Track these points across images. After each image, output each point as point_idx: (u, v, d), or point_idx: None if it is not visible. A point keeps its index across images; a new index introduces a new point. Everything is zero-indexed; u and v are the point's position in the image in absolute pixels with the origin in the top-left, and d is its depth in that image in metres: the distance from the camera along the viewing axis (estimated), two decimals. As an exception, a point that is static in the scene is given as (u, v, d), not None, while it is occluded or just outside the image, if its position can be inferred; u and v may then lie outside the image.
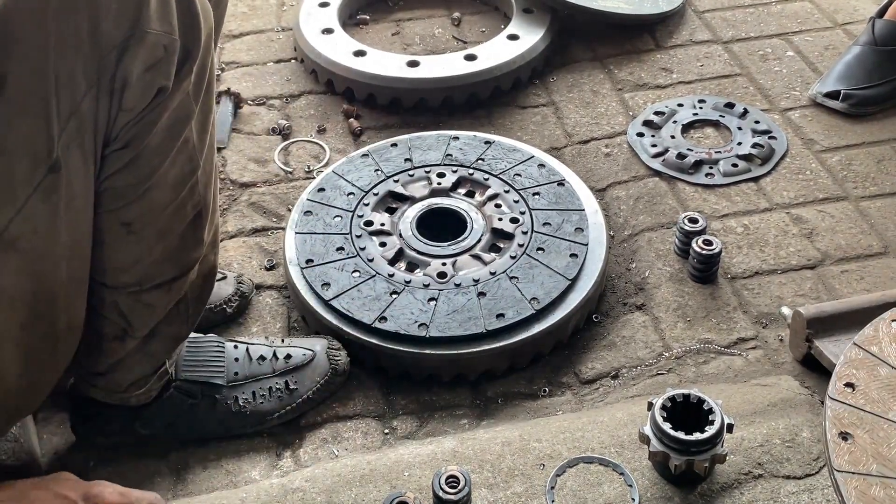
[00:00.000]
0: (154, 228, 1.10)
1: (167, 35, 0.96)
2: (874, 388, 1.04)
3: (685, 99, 1.99)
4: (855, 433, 0.99)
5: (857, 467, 0.96)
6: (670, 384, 1.38)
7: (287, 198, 1.79)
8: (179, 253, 1.16)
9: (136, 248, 1.11)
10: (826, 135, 1.89)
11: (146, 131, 1.00)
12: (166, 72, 0.98)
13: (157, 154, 1.04)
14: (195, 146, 1.09)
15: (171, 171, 1.07)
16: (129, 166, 1.01)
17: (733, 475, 1.17)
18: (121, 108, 0.96)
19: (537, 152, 1.77)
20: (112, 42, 0.91)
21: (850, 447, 0.98)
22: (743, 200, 1.74)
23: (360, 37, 2.20)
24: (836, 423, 1.00)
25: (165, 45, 0.96)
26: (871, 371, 1.06)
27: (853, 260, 1.61)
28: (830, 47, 2.13)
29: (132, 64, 0.93)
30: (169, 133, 1.04)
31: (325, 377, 1.40)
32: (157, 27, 0.94)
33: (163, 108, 1.00)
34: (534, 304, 1.45)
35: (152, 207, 1.08)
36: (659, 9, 2.21)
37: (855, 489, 0.94)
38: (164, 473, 1.31)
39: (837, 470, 0.96)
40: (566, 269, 1.51)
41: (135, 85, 0.95)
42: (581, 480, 1.17)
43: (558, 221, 1.59)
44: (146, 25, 0.93)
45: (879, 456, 0.97)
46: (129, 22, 0.92)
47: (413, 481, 1.19)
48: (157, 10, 0.94)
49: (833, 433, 0.99)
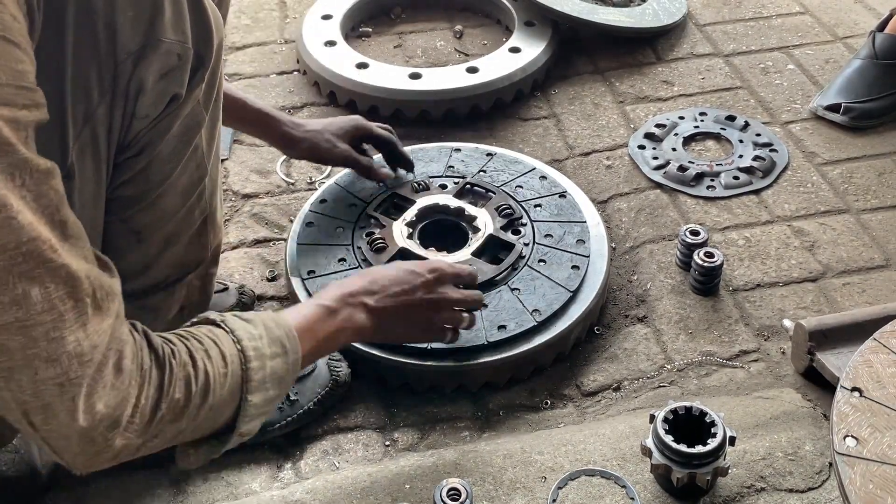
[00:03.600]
0: (162, 234, 1.11)
1: (181, 43, 0.96)
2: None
3: (686, 111, 2.00)
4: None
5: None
6: (672, 397, 1.38)
7: (289, 209, 1.79)
8: (184, 258, 1.17)
9: (143, 254, 1.11)
10: (827, 148, 1.89)
11: (159, 138, 1.01)
12: (180, 80, 0.99)
13: (169, 161, 1.05)
14: (204, 153, 1.10)
15: (182, 179, 1.07)
16: (141, 174, 1.02)
17: (736, 488, 1.16)
18: (134, 115, 0.96)
19: (539, 164, 1.77)
20: (128, 50, 0.92)
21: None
22: (744, 213, 1.74)
23: (362, 49, 2.21)
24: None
25: (179, 54, 0.97)
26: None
27: (855, 273, 1.61)
28: (831, 61, 2.14)
29: (147, 72, 0.94)
30: (180, 140, 1.04)
31: (327, 388, 1.39)
32: (172, 35, 0.95)
33: (175, 116, 1.01)
34: (535, 316, 1.45)
35: (162, 214, 1.08)
36: (660, 22, 2.21)
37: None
38: (165, 485, 1.30)
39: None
40: (567, 280, 1.51)
41: (149, 92, 0.96)
42: (583, 493, 1.17)
43: (560, 233, 1.59)
44: (161, 34, 0.94)
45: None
46: (144, 30, 0.93)
47: (414, 494, 1.19)
48: (171, 19, 0.95)
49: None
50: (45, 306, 0.79)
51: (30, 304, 0.78)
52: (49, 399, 0.82)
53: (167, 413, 0.90)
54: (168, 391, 0.90)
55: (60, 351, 0.81)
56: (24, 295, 0.78)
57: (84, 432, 0.83)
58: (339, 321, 1.13)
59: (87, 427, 0.83)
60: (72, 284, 0.81)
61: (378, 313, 1.18)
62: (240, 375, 0.96)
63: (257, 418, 1.01)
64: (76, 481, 1.29)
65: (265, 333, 1.00)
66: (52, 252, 0.79)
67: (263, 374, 0.98)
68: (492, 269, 1.52)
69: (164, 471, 1.32)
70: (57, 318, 0.80)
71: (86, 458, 0.87)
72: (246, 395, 0.97)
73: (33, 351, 0.79)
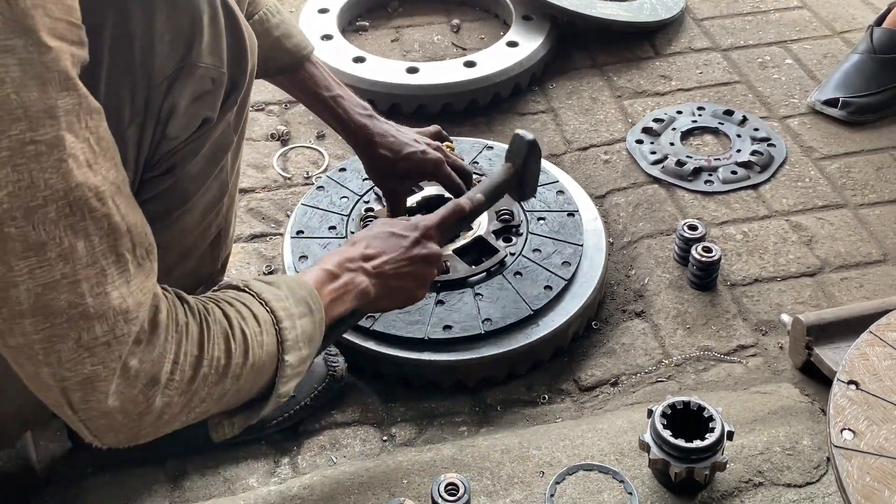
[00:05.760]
0: (179, 249, 1.10)
1: (216, 69, 0.96)
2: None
3: (684, 106, 1.99)
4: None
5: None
6: (670, 391, 1.38)
7: (286, 203, 1.79)
8: (196, 271, 1.16)
9: (158, 267, 1.10)
10: (825, 142, 1.89)
11: (187, 159, 1.00)
12: (212, 104, 0.98)
13: (195, 181, 1.04)
14: (228, 172, 1.09)
15: (205, 197, 1.07)
16: (166, 192, 1.01)
17: (733, 483, 1.16)
18: (164, 136, 0.95)
19: (564, 179, 1.71)
20: (163, 73, 0.91)
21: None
22: (742, 207, 1.74)
23: (359, 43, 2.21)
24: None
25: (214, 79, 0.96)
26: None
27: (852, 267, 1.61)
28: (829, 55, 2.14)
29: (180, 95, 0.93)
30: (208, 162, 1.04)
31: (324, 384, 1.39)
32: (208, 60, 0.94)
33: (205, 139, 1.00)
34: (485, 325, 1.42)
35: (182, 231, 1.07)
36: (658, 16, 2.21)
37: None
38: (162, 481, 1.30)
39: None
40: (534, 299, 1.46)
41: (181, 115, 0.94)
42: (581, 488, 1.16)
43: (549, 251, 1.54)
44: (197, 59, 0.93)
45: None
46: (180, 54, 0.92)
47: (412, 489, 1.18)
48: (208, 44, 0.93)
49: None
50: (89, 260, 0.78)
51: (76, 259, 0.77)
52: (88, 370, 0.80)
53: (210, 373, 0.89)
54: (208, 349, 0.89)
55: (107, 306, 0.79)
56: (72, 248, 0.76)
57: (119, 399, 0.82)
58: (343, 284, 1.13)
59: (122, 391, 0.82)
60: (114, 238, 0.79)
61: (378, 276, 1.19)
62: (274, 335, 0.97)
63: (294, 379, 1.01)
64: (73, 477, 1.29)
65: (290, 294, 1.01)
66: (98, 200, 0.77)
67: (295, 333, 0.99)
68: (466, 270, 1.50)
69: (161, 467, 1.32)
70: (100, 273, 0.79)
71: (129, 427, 0.85)
72: (283, 356, 0.97)
73: (79, 310, 0.78)
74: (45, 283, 0.76)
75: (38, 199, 0.74)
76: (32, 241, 0.74)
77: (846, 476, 0.98)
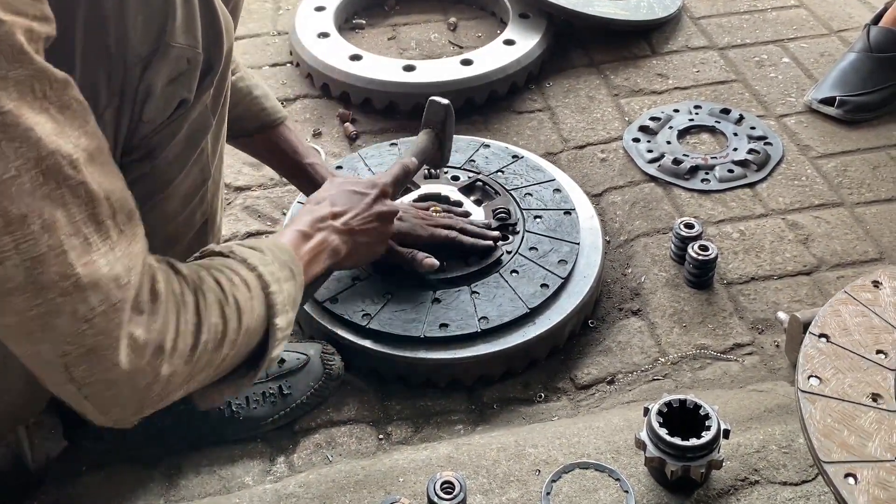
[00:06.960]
0: (162, 236, 1.09)
1: (191, 48, 0.95)
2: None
3: (681, 105, 1.99)
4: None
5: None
6: (666, 390, 1.38)
7: (282, 201, 1.78)
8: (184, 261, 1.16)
9: None
10: (821, 141, 1.89)
11: (165, 142, 0.99)
12: (188, 84, 0.97)
13: (174, 165, 1.03)
14: (209, 156, 1.09)
15: (186, 182, 1.06)
16: (145, 176, 1.00)
17: (729, 481, 1.16)
18: (141, 118, 0.95)
19: (561, 177, 1.71)
20: (137, 54, 0.90)
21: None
22: (739, 206, 1.74)
23: (356, 41, 2.20)
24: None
25: (189, 59, 0.95)
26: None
27: (849, 266, 1.61)
28: (826, 54, 2.14)
29: (156, 76, 0.93)
30: (187, 144, 1.03)
31: (320, 382, 1.39)
32: (182, 40, 0.94)
33: (182, 120, 1.00)
34: (482, 323, 1.42)
35: (164, 216, 1.07)
36: (655, 15, 2.21)
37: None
38: (157, 479, 1.30)
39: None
40: (531, 297, 1.45)
41: (157, 97, 0.94)
42: (577, 486, 1.16)
43: (546, 249, 1.54)
44: (171, 39, 0.92)
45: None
46: (154, 35, 0.91)
47: (408, 487, 1.18)
48: (182, 24, 0.93)
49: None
50: (72, 230, 0.77)
51: (59, 228, 0.76)
52: (91, 341, 0.80)
53: (209, 339, 0.90)
54: (205, 315, 0.90)
55: (98, 275, 0.79)
56: (52, 219, 0.76)
57: (130, 366, 0.82)
58: (317, 244, 1.19)
59: (132, 360, 0.82)
60: (92, 206, 0.79)
61: (347, 234, 1.25)
62: (263, 300, 0.98)
63: (283, 342, 1.03)
64: (67, 476, 1.29)
65: (274, 259, 1.03)
66: (72, 168, 0.77)
67: (283, 297, 1.01)
68: (460, 268, 1.49)
69: (156, 466, 1.32)
70: (84, 242, 0.78)
71: (136, 399, 0.85)
72: (273, 320, 0.99)
73: (71, 280, 0.77)
74: (32, 257, 0.76)
75: (10, 171, 0.74)
76: (13, 214, 0.74)
77: (808, 417, 1.02)
